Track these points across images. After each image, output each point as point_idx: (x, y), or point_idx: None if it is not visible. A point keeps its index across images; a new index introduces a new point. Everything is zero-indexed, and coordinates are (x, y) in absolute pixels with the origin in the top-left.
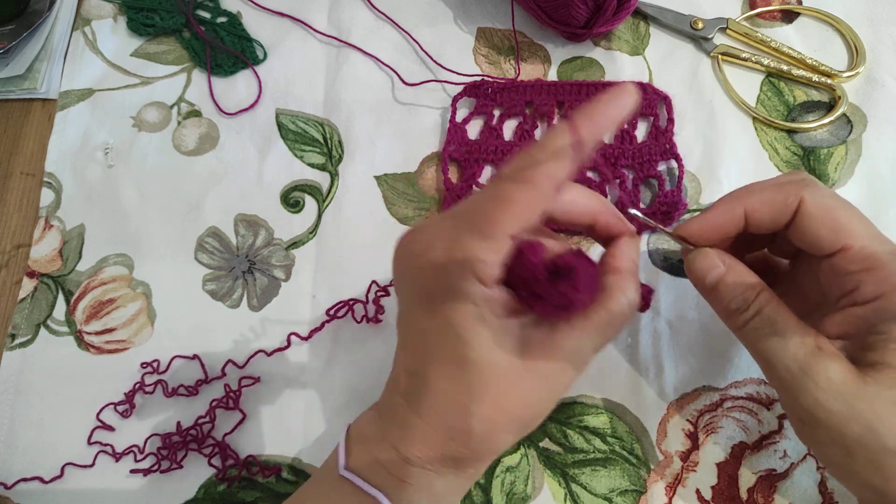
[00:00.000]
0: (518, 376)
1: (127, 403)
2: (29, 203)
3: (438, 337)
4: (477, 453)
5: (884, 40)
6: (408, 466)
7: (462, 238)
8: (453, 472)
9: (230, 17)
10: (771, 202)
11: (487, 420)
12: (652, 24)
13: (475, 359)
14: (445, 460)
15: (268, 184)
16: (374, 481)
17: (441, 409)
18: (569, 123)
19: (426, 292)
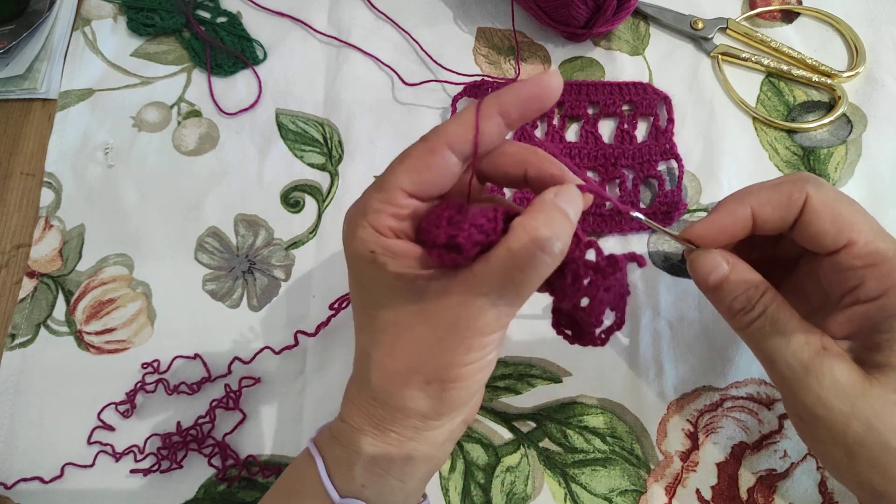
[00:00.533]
0: (410, 323)
1: (128, 403)
2: (29, 203)
3: (356, 293)
4: (383, 406)
5: (884, 40)
6: (341, 426)
7: (364, 194)
8: (375, 433)
9: (230, 17)
10: (777, 200)
11: (381, 365)
12: (652, 24)
13: (372, 303)
14: (364, 415)
15: (268, 184)
16: (319, 444)
17: (357, 361)
18: (477, 102)
19: (346, 253)
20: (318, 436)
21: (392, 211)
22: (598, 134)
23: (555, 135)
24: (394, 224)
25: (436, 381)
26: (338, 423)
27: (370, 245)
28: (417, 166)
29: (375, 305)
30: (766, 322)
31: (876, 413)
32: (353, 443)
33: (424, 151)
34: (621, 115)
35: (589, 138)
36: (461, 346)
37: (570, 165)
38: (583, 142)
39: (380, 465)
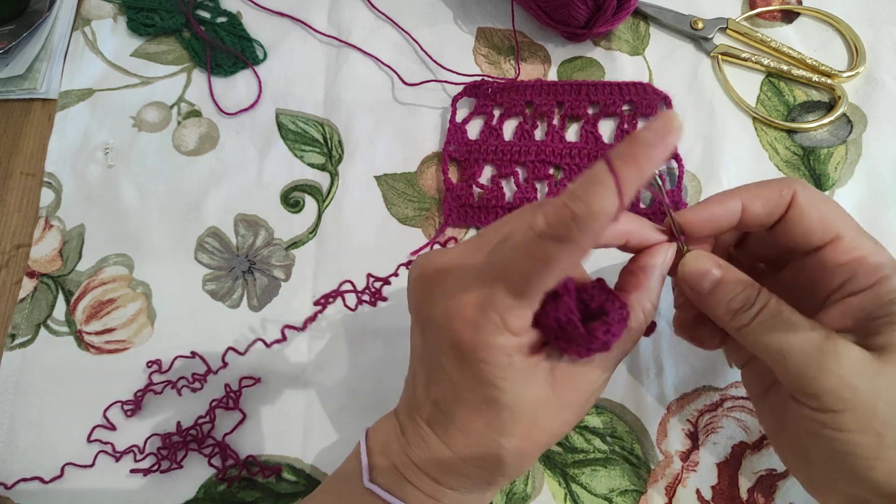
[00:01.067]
0: (546, 409)
1: (133, 404)
2: (29, 203)
3: (469, 383)
4: (506, 477)
5: (884, 40)
6: (441, 489)
7: (497, 296)
8: (482, 491)
9: (230, 17)
10: (766, 195)
11: (518, 452)
12: (652, 24)
13: (505, 401)
14: (476, 484)
15: (268, 184)
16: (407, 500)
17: (472, 445)
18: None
19: (456, 342)
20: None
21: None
22: (598, 134)
23: (555, 135)
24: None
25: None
26: (435, 487)
27: (507, 350)
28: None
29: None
30: (768, 315)
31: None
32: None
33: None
34: (621, 115)
35: (589, 138)
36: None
37: None
38: (583, 142)
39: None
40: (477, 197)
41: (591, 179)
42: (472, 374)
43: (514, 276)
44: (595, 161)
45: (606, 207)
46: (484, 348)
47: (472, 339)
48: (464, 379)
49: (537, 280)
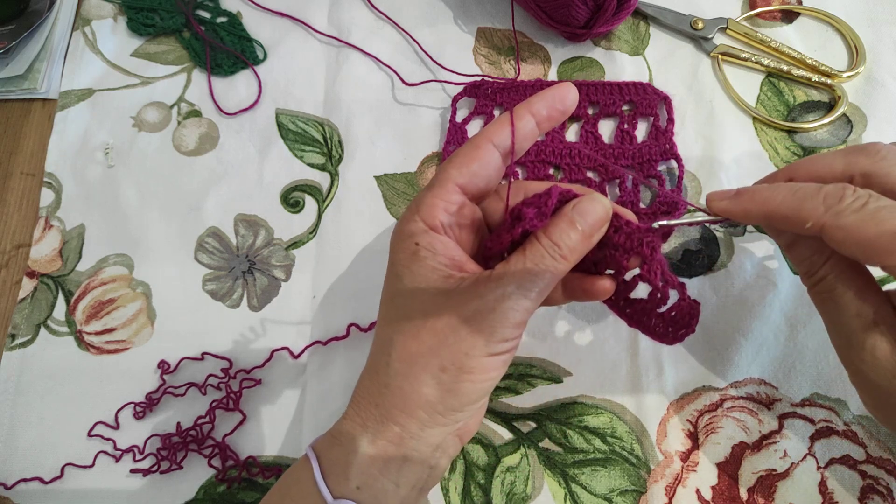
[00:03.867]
0: (437, 311)
1: (145, 407)
2: (29, 203)
3: (387, 287)
4: (394, 391)
5: (884, 40)
6: (342, 423)
7: (418, 194)
8: (376, 425)
9: (230, 17)
10: (789, 220)
11: (403, 348)
12: (652, 24)
13: (403, 292)
14: (370, 407)
15: (268, 184)
16: (317, 447)
17: (375, 351)
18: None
19: (390, 248)
20: (318, 440)
21: (443, 205)
22: (598, 134)
23: (555, 135)
24: (444, 218)
25: (452, 368)
26: (339, 423)
27: (416, 237)
28: (465, 160)
29: (406, 295)
30: (825, 288)
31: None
32: (351, 441)
33: (470, 148)
34: (621, 115)
35: (589, 138)
36: (484, 333)
37: None
38: (583, 142)
39: (376, 465)
40: None
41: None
42: (388, 272)
43: (432, 178)
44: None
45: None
46: (397, 235)
47: (394, 230)
48: (386, 281)
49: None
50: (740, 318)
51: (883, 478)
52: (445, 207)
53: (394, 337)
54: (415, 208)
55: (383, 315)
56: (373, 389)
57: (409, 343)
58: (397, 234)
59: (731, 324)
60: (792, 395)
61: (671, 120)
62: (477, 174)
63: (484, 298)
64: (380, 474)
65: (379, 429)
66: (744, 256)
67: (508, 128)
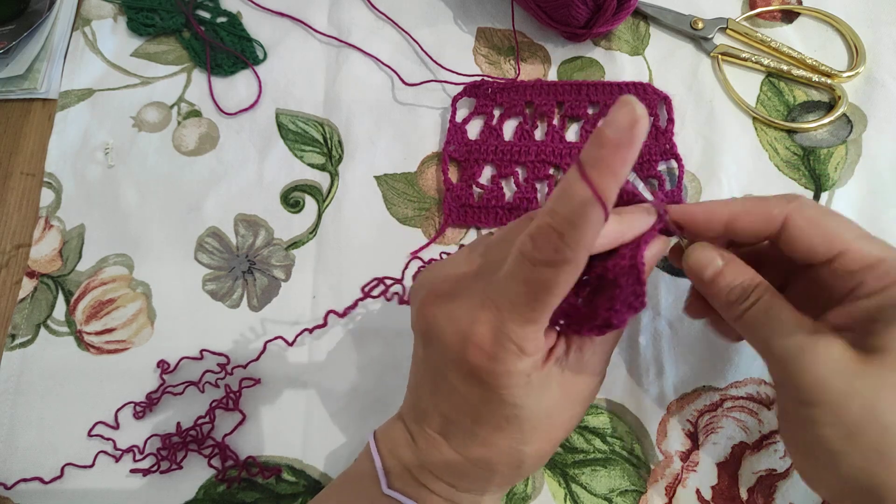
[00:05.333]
0: (559, 410)
1: (145, 407)
2: (29, 203)
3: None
4: (524, 476)
5: (884, 40)
6: (457, 492)
7: (508, 327)
8: (499, 489)
9: (230, 17)
10: (756, 213)
11: (537, 454)
12: (652, 24)
13: (526, 416)
14: (493, 485)
15: (268, 184)
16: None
17: (493, 455)
18: (584, 179)
19: (472, 370)
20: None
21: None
22: None
23: (555, 135)
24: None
25: None
26: (452, 493)
27: (529, 372)
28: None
29: (523, 416)
30: (760, 309)
31: (874, 393)
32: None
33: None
34: None
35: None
36: (591, 401)
37: None
38: (583, 142)
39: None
40: (477, 197)
41: (568, 194)
42: (492, 398)
43: (519, 305)
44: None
45: (592, 220)
46: (504, 376)
47: (490, 368)
48: (482, 402)
49: (542, 305)
50: None
51: None
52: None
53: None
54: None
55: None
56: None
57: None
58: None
59: None
60: None
61: (671, 120)
62: None
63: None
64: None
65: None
66: None
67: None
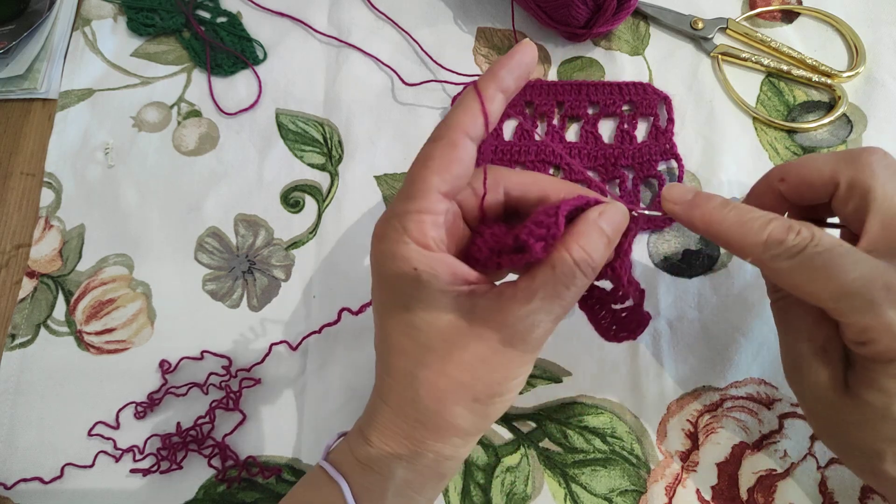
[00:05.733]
0: (462, 340)
1: (146, 406)
2: (29, 203)
3: (391, 314)
4: (428, 426)
5: (884, 40)
6: (368, 449)
7: (396, 204)
8: (411, 454)
9: (230, 17)
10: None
11: (431, 385)
12: (652, 24)
13: (417, 323)
14: (401, 439)
15: (268, 184)
16: (342, 469)
17: (396, 385)
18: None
19: (378, 273)
20: (336, 458)
21: (432, 219)
22: (598, 134)
23: (555, 135)
24: (434, 234)
25: (484, 398)
26: (363, 447)
27: (414, 262)
28: (445, 164)
29: (419, 325)
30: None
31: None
32: (385, 468)
33: (447, 148)
34: (621, 115)
35: (589, 138)
36: (514, 360)
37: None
38: (583, 142)
39: (413, 487)
40: None
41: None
42: (390, 296)
43: (406, 183)
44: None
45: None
46: (389, 258)
47: (376, 248)
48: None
49: (423, 176)
50: (740, 318)
51: None
52: (434, 221)
53: (417, 372)
54: (399, 227)
55: (394, 343)
56: (399, 422)
57: (436, 379)
58: (387, 256)
59: (731, 324)
60: (792, 395)
61: (671, 120)
62: (458, 176)
63: (513, 327)
64: (417, 494)
65: (414, 458)
66: None
67: (478, 115)
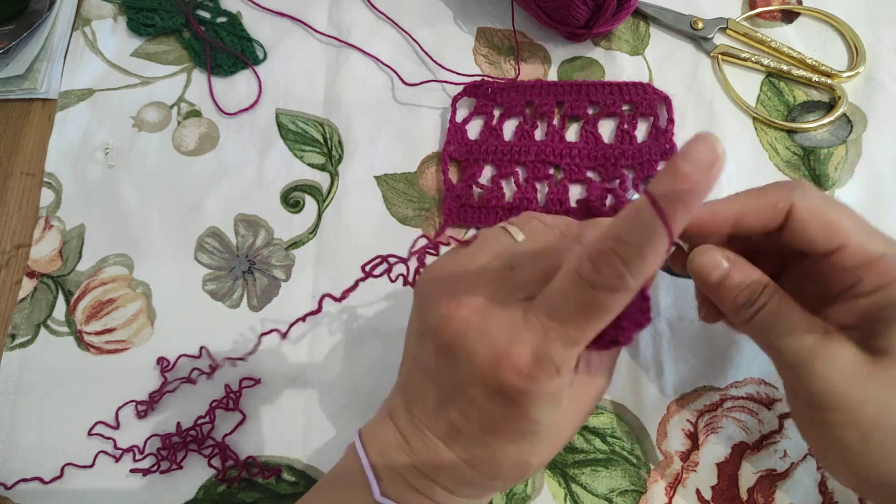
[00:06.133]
0: (568, 422)
1: (147, 405)
2: (29, 203)
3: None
4: (521, 482)
5: (884, 40)
6: (452, 497)
7: (553, 348)
8: (493, 493)
9: (230, 17)
10: (760, 206)
11: (542, 464)
12: (652, 24)
13: (542, 431)
14: (492, 490)
15: (268, 184)
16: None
17: (499, 465)
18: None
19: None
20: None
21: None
22: (598, 134)
23: (555, 135)
24: None
25: None
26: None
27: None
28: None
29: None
30: (768, 313)
31: (886, 395)
32: None
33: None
34: (621, 115)
35: (589, 138)
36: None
37: None
38: (583, 142)
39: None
40: (477, 197)
41: (639, 222)
42: (516, 415)
43: (569, 327)
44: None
45: (659, 252)
46: (536, 395)
47: (525, 387)
48: (503, 417)
49: (591, 328)
50: None
51: None
52: None
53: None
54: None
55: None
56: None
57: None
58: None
59: None
60: None
61: (671, 120)
62: None
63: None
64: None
65: None
66: None
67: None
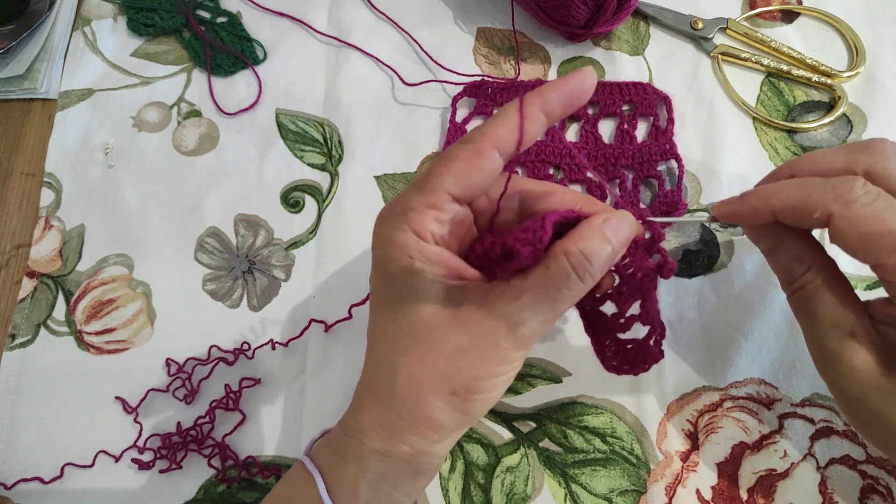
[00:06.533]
0: (444, 330)
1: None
2: (29, 203)
3: (381, 299)
4: (404, 416)
5: (884, 40)
6: (346, 440)
7: (405, 194)
8: (386, 446)
9: (230, 17)
10: (800, 212)
11: (409, 372)
12: (652, 24)
13: (404, 310)
14: (377, 429)
15: (268, 184)
16: (319, 462)
17: (377, 372)
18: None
19: (374, 256)
20: (315, 451)
21: (435, 215)
22: (598, 134)
23: (555, 135)
24: (435, 229)
25: (462, 392)
26: (341, 438)
27: (409, 251)
28: (464, 169)
29: (406, 312)
30: (801, 298)
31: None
32: (359, 458)
33: (472, 154)
34: (621, 115)
35: (589, 138)
36: (496, 357)
37: None
38: (583, 142)
39: (388, 481)
40: None
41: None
42: (382, 281)
43: (421, 176)
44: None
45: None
46: (387, 243)
47: (377, 234)
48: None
49: (437, 174)
50: (740, 318)
51: (883, 478)
52: (437, 217)
53: (397, 359)
54: (402, 215)
55: (380, 331)
56: (377, 411)
57: (415, 367)
58: (385, 240)
59: (731, 324)
60: (792, 395)
61: (671, 120)
62: (475, 185)
63: (497, 321)
64: (392, 489)
65: (388, 448)
66: (744, 256)
67: (515, 131)
